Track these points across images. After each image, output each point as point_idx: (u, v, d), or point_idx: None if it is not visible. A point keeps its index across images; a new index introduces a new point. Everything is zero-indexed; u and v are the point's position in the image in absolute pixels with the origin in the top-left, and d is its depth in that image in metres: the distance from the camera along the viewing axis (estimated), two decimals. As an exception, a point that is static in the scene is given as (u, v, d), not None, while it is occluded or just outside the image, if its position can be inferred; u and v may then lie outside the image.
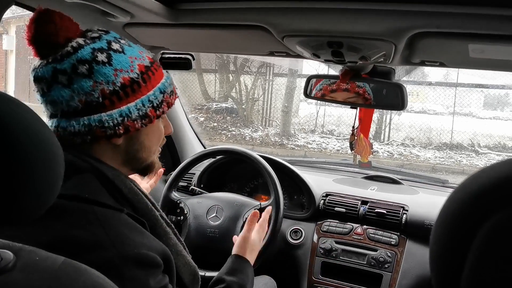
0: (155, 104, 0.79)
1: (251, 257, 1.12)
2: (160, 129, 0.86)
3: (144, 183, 1.26)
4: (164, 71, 0.86)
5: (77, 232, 0.67)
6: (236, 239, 1.18)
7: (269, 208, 1.33)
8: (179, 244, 0.87)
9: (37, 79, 0.75)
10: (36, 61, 0.76)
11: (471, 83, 7.69)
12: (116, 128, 0.74)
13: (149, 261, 0.71)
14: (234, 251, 1.12)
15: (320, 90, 1.32)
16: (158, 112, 0.80)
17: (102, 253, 0.66)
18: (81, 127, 0.73)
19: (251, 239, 1.15)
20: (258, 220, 1.22)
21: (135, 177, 1.18)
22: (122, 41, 0.79)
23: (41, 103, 0.77)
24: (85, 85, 0.72)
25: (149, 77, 0.78)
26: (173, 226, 0.88)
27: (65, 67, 0.72)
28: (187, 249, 0.91)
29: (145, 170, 0.87)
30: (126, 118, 0.75)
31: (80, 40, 0.74)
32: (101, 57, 0.73)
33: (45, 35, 0.72)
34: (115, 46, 0.76)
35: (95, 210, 0.70)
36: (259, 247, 1.18)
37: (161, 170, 1.26)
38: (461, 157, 7.54)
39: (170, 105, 0.83)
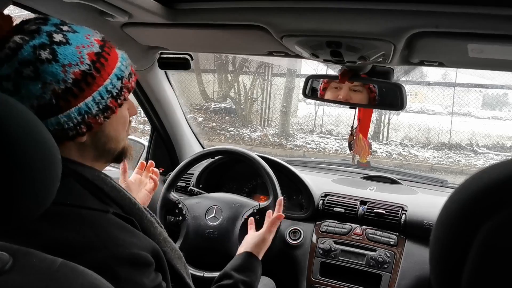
0: (114, 93, 0.73)
1: (260, 257, 1.12)
2: (125, 116, 0.80)
3: (143, 190, 1.19)
4: (117, 50, 0.78)
5: (69, 234, 0.66)
6: (251, 235, 1.17)
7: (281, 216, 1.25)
8: (164, 231, 0.86)
9: None
10: None
11: (470, 83, 7.69)
12: (78, 127, 0.70)
13: (142, 260, 0.70)
14: (248, 248, 1.11)
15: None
16: (119, 101, 0.74)
17: (94, 255, 0.65)
18: None
19: (269, 241, 1.15)
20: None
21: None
22: (65, 28, 0.70)
23: None
24: (33, 89, 0.65)
25: (102, 65, 0.71)
26: (154, 215, 0.86)
27: (8, 73, 0.65)
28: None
29: (118, 158, 0.83)
30: (86, 116, 0.70)
31: (17, 39, 0.66)
32: (45, 54, 0.66)
33: None
34: (58, 37, 0.68)
35: (82, 212, 0.69)
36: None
37: (156, 170, 1.24)
38: (459, 157, 7.55)
39: (130, 89, 0.77)
